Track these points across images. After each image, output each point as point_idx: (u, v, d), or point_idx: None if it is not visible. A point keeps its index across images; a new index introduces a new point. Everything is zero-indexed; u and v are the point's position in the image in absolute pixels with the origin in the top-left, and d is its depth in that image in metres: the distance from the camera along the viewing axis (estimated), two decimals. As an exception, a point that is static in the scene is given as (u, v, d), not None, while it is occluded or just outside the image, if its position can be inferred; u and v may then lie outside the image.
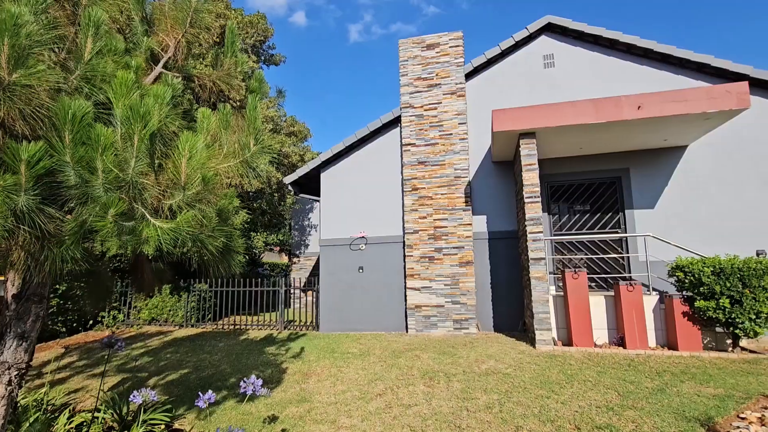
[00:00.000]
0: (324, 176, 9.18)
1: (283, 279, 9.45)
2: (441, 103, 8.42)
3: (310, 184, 10.02)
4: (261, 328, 9.19)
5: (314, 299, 9.14)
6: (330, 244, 8.87)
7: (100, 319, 9.58)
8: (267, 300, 12.54)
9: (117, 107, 1.91)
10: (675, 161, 7.54)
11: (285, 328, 9.10)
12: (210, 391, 2.62)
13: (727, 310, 5.43)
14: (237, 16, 13.58)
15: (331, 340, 7.53)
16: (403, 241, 8.41)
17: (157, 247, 1.98)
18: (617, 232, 7.64)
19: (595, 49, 8.16)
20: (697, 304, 5.63)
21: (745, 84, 5.88)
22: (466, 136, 8.27)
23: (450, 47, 8.51)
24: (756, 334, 5.42)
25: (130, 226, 1.96)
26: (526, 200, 6.58)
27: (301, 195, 10.59)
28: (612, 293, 6.53)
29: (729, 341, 5.78)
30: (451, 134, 8.29)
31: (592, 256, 7.65)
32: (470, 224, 8.00)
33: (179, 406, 4.29)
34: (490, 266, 8.07)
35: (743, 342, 6.01)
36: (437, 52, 8.56)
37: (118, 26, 3.34)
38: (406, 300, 8.20)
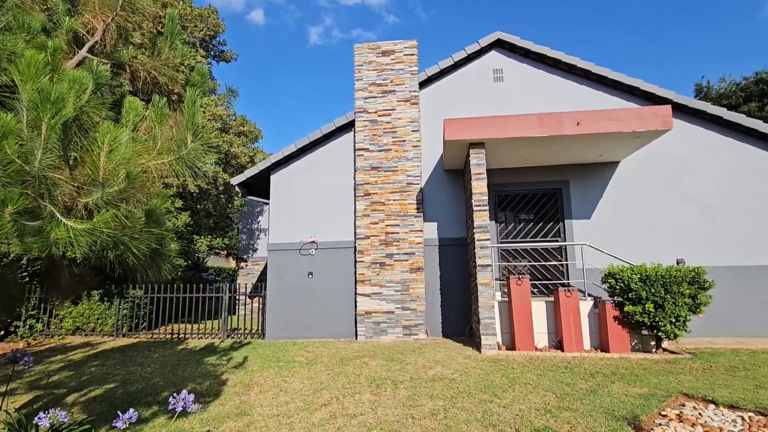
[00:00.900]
0: (274, 178, 8.90)
1: (228, 284, 8.99)
2: (395, 109, 8.48)
3: (260, 186, 9.67)
4: (202, 337, 8.67)
5: (260, 305, 8.78)
6: (279, 248, 8.59)
7: (13, 329, 8.57)
8: (210, 307, 11.89)
9: (23, 91, 1.68)
10: (609, 175, 8.10)
11: (228, 336, 8.65)
12: (131, 410, 2.37)
13: (651, 314, 5.87)
14: (186, 7, 12.92)
15: (277, 349, 7.26)
16: (355, 247, 8.32)
17: (67, 249, 1.76)
18: (557, 241, 8.05)
19: (540, 67, 8.61)
20: (626, 308, 6.04)
21: (668, 107, 6.45)
22: (419, 143, 8.38)
23: (405, 55, 8.61)
24: (675, 336, 5.90)
25: (36, 226, 1.73)
26: (474, 208, 6.75)
27: (250, 197, 10.19)
28: (552, 299, 6.84)
29: (653, 343, 6.25)
30: (404, 141, 8.36)
31: (535, 263, 8.01)
32: (421, 231, 8.08)
33: (101, 425, 3.89)
34: (440, 272, 8.19)
35: (665, 343, 6.53)
36: (392, 59, 8.63)
37: (38, 4, 3.00)
38: (356, 306, 8.10)
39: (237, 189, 9.39)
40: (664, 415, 3.78)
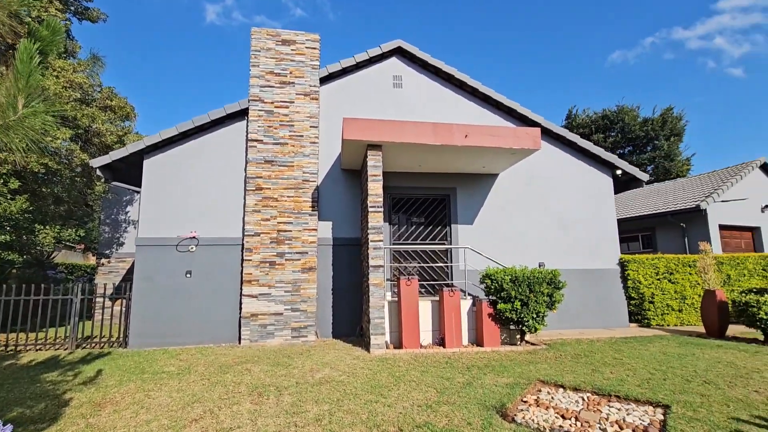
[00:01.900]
0: (149, 164, 7.79)
1: (82, 284, 7.57)
2: (294, 102, 8.13)
3: (130, 172, 8.39)
4: (42, 348, 7.15)
5: (124, 309, 7.59)
6: (151, 243, 7.53)
7: None
8: (58, 311, 9.88)
9: None
10: (489, 186, 8.95)
11: (78, 346, 7.29)
12: None
13: (518, 311, 6.61)
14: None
15: (143, 358, 6.34)
16: (242, 244, 7.74)
17: None
18: (444, 244, 8.60)
19: (436, 79, 9.13)
20: (499, 306, 6.71)
21: (538, 130, 7.37)
22: (317, 140, 8.17)
23: (306, 47, 8.33)
24: (536, 329, 6.74)
25: None
26: (369, 209, 6.81)
27: (116, 183, 8.78)
28: (437, 298, 7.26)
29: (518, 336, 7.05)
30: (302, 136, 8.07)
31: (424, 265, 8.43)
32: (316, 229, 7.88)
33: None
34: (333, 272, 8.09)
35: (527, 336, 7.42)
36: (293, 50, 8.27)
37: None
38: (241, 308, 7.52)
39: (99, 173, 7.98)
40: (525, 401, 4.24)
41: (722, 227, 13.16)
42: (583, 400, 4.30)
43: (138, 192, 9.02)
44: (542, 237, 8.91)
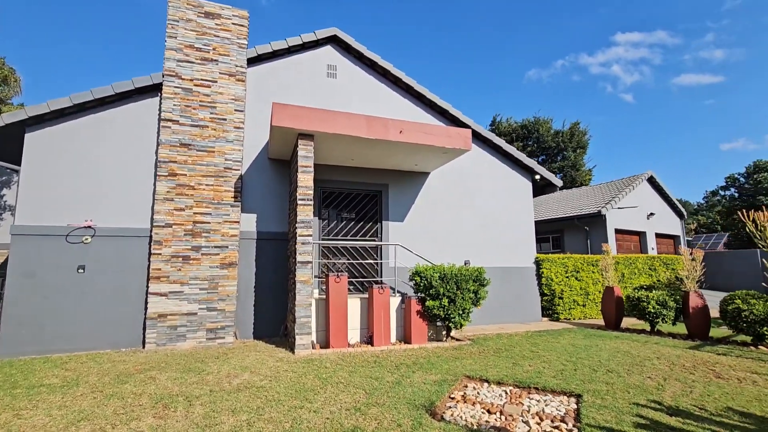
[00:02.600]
0: (32, 138, 6.55)
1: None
2: (216, 82, 7.41)
3: (6, 147, 7.00)
4: None
5: (-7, 312, 6.29)
6: (32, 233, 6.34)
7: None
8: None
9: None
10: (421, 184, 9.02)
11: (-75, 358, 5.89)
12: None
13: (446, 307, 6.71)
14: None
15: (16, 369, 5.30)
16: (150, 236, 6.85)
17: None
18: (375, 240, 8.48)
19: (371, 72, 8.97)
20: (427, 303, 6.74)
21: (469, 131, 7.57)
22: (243, 125, 7.54)
23: (233, 24, 7.64)
24: (461, 325, 6.90)
25: None
26: (299, 202, 6.43)
27: (-13, 160, 7.29)
28: (366, 296, 7.11)
29: (444, 332, 7.17)
30: (225, 119, 7.38)
31: (354, 261, 8.23)
32: (238, 222, 7.27)
33: None
34: (256, 268, 7.54)
35: (453, 332, 7.59)
36: (217, 25, 7.53)
37: None
38: (147, 308, 6.65)
39: (-38, 146, 6.54)
40: (453, 398, 4.24)
41: (617, 231, 14.87)
42: (506, 393, 4.42)
43: (17, 171, 7.58)
44: (468, 236, 9.22)
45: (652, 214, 16.22)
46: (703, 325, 7.28)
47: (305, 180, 6.50)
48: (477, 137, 9.62)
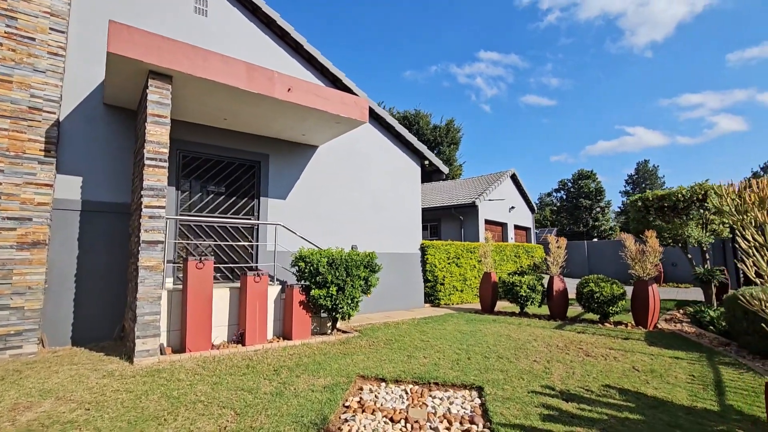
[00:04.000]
0: None
1: None
2: (20, -18, 5.14)
3: None
4: None
5: None
6: None
7: None
8: None
9: None
10: (308, 158, 7.99)
11: None
12: None
13: (334, 297, 5.91)
14: None
15: None
16: None
17: None
18: (251, 219, 7.18)
19: (253, 19, 7.51)
20: (312, 293, 5.84)
21: (367, 102, 6.84)
22: (63, 52, 5.43)
23: None
24: (350, 316, 6.20)
25: None
26: (147, 162, 4.82)
27: None
28: (238, 285, 5.86)
29: (329, 324, 6.38)
30: (33, 39, 5.18)
31: (222, 243, 6.81)
32: (50, 185, 5.21)
33: None
34: (80, 251, 5.57)
35: (340, 324, 6.85)
36: None
37: None
38: None
39: None
40: (348, 406, 3.50)
41: (487, 221, 16.10)
42: (407, 393, 3.86)
43: None
44: (357, 218, 8.56)
45: (513, 207, 18.10)
46: (562, 306, 8.00)
47: (158, 134, 4.90)
48: (370, 115, 8.99)
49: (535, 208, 20.86)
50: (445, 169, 10.28)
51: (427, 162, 9.96)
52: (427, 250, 9.64)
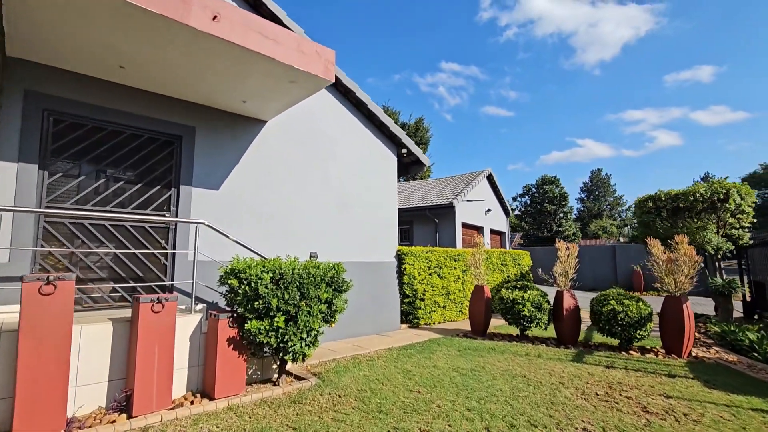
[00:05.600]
0: None
1: None
2: None
3: None
4: None
5: None
6: None
7: None
8: None
9: None
10: (252, 136, 5.98)
11: None
12: None
13: (280, 330, 3.96)
14: None
15: None
16: None
17: None
18: (165, 216, 5.07)
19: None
20: (248, 325, 3.86)
21: (333, 53, 4.95)
22: None
23: None
24: (305, 357, 4.26)
25: None
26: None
27: None
28: (129, 315, 3.79)
29: (275, 367, 4.44)
30: None
31: (119, 251, 4.65)
32: None
33: None
34: None
35: (290, 365, 4.89)
36: None
37: None
38: None
39: None
40: None
41: (464, 225, 14.58)
42: None
43: None
44: (318, 218, 6.63)
45: (489, 210, 16.76)
46: (574, 329, 6.47)
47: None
48: (337, 87, 7.12)
49: (510, 212, 19.70)
50: (425, 160, 8.57)
51: (405, 150, 8.19)
52: (405, 259, 7.83)
